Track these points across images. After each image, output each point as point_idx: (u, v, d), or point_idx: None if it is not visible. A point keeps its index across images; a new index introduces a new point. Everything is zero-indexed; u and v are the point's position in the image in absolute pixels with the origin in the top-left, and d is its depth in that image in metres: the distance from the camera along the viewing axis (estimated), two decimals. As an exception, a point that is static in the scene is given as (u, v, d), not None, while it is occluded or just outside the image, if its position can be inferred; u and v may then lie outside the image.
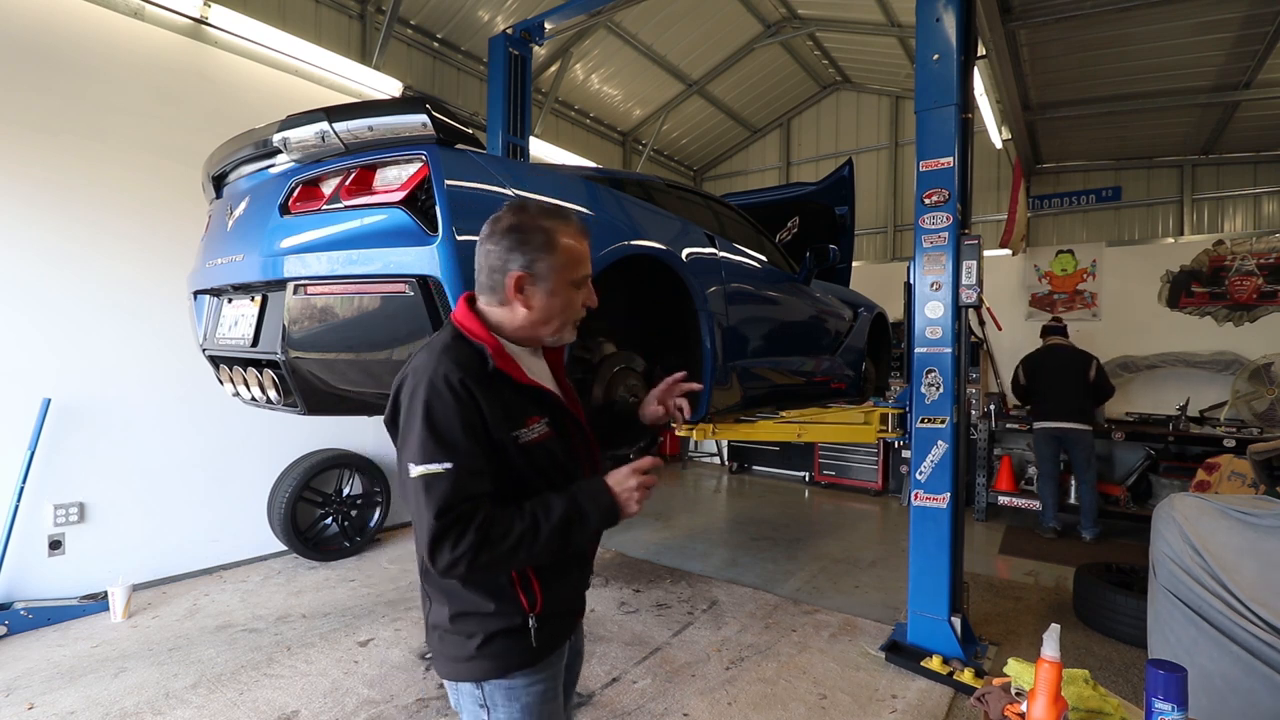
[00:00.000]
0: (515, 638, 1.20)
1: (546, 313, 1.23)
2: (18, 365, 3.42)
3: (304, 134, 1.87)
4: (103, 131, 3.71)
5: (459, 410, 1.09)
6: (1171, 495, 2.49)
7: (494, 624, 1.19)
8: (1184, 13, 4.11)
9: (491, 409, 1.13)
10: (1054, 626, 1.38)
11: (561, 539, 1.12)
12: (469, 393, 1.11)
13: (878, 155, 8.32)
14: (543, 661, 1.24)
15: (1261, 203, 6.40)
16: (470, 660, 1.20)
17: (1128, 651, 3.25)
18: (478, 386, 1.12)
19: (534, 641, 1.21)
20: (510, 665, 1.21)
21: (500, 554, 1.07)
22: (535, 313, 1.23)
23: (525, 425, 1.18)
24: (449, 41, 5.96)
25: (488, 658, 1.19)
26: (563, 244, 1.21)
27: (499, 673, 1.21)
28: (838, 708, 2.70)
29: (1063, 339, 5.59)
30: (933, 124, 3.12)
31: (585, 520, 1.15)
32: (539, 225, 1.21)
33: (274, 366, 2.01)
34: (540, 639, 1.22)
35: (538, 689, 1.24)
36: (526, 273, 1.20)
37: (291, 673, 2.91)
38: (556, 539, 1.11)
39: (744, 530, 5.56)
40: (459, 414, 1.09)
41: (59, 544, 3.56)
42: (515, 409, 1.18)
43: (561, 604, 1.27)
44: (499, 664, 1.20)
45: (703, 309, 2.60)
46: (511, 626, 1.19)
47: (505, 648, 1.20)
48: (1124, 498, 5.67)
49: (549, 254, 1.20)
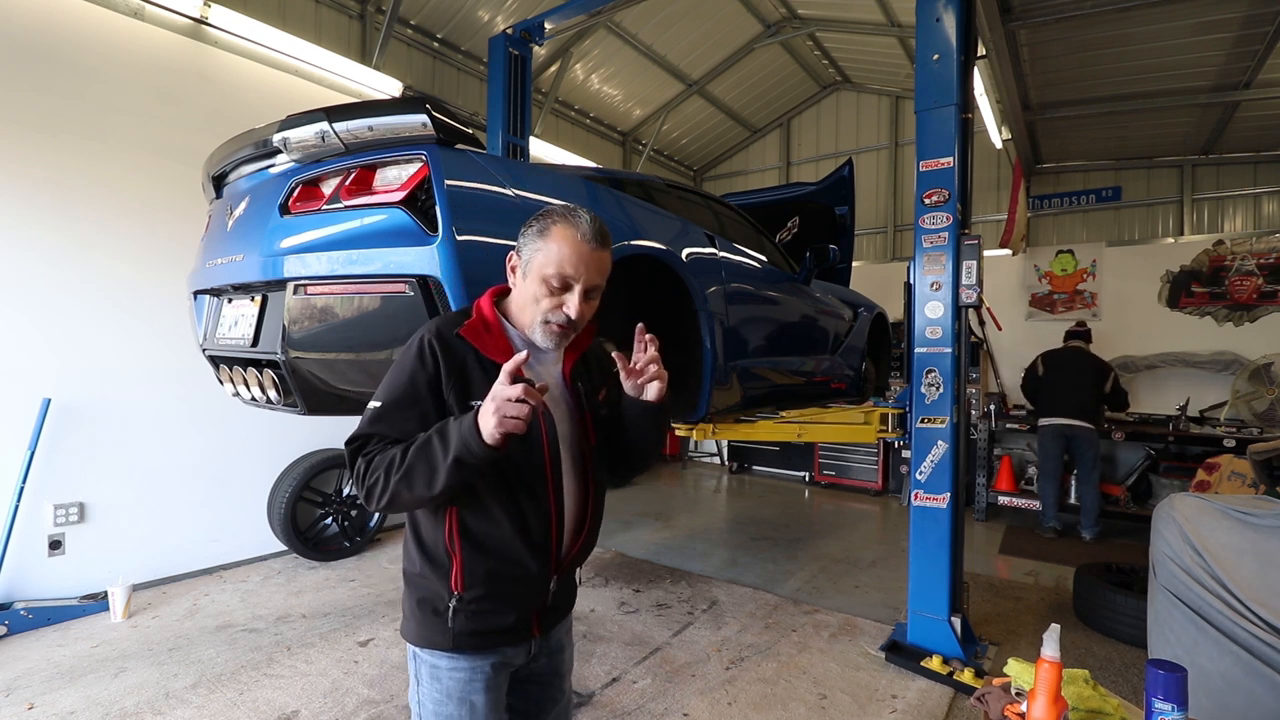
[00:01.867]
0: (438, 614, 1.22)
1: (520, 300, 1.25)
2: (18, 365, 3.42)
3: (304, 134, 1.87)
4: (103, 131, 3.71)
5: (413, 363, 1.18)
6: (1171, 495, 2.49)
7: (422, 589, 1.24)
8: (1184, 13, 4.11)
9: (449, 372, 1.18)
10: (1054, 626, 1.38)
11: (422, 458, 1.08)
12: (431, 351, 1.18)
13: (878, 155, 8.32)
14: (463, 653, 1.23)
15: (1261, 203, 6.40)
16: (407, 620, 1.28)
17: (1128, 651, 3.25)
18: (443, 348, 1.18)
19: (450, 623, 1.21)
20: (425, 638, 1.24)
21: (375, 480, 1.10)
22: (516, 293, 1.26)
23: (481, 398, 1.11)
24: (449, 41, 5.96)
25: (415, 620, 1.25)
26: (552, 237, 1.19)
27: (418, 639, 1.25)
28: (838, 708, 2.70)
29: (1085, 344, 5.58)
30: (933, 124, 3.12)
31: (445, 437, 1.08)
32: (546, 215, 1.23)
33: (274, 366, 2.01)
34: (459, 626, 1.21)
35: (460, 675, 1.23)
36: (516, 254, 1.25)
37: (291, 673, 2.91)
38: (418, 457, 1.08)
39: (744, 530, 5.56)
40: (410, 366, 1.18)
41: (59, 544, 3.56)
42: (478, 382, 1.19)
43: (489, 599, 1.22)
44: (423, 632, 1.24)
45: (703, 309, 2.60)
46: (436, 600, 1.22)
47: (426, 618, 1.23)
48: (1124, 498, 5.67)
49: (535, 241, 1.21)
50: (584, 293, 1.21)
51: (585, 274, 1.19)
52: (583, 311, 1.22)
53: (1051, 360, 5.56)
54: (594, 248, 1.20)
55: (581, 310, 1.21)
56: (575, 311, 1.20)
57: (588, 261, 1.19)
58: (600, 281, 1.24)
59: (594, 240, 1.20)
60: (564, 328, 1.22)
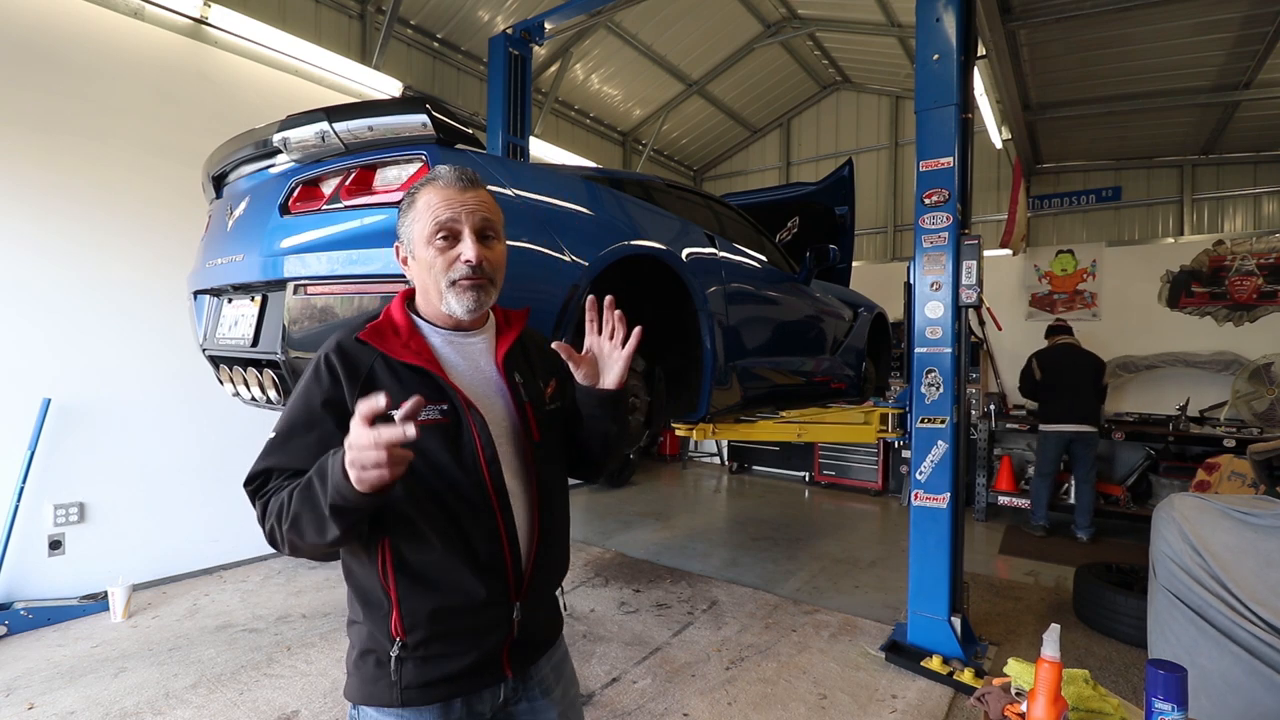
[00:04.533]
0: (381, 665, 1.05)
1: (421, 281, 1.13)
2: (18, 365, 3.42)
3: (304, 134, 1.87)
4: (103, 131, 3.71)
5: (310, 382, 1.06)
6: (1171, 495, 2.50)
7: (364, 640, 1.08)
8: (1184, 13, 4.11)
9: (353, 382, 1.04)
10: (1054, 626, 1.38)
11: (306, 504, 0.93)
12: (330, 366, 1.05)
13: (878, 155, 8.32)
14: (412, 707, 1.05)
15: (1261, 203, 6.40)
16: (348, 676, 1.11)
17: (1128, 651, 3.25)
18: (343, 360, 1.05)
19: (395, 675, 1.04)
20: (367, 694, 1.07)
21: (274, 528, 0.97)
22: (416, 282, 1.14)
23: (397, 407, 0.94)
24: (449, 41, 5.96)
25: (357, 677, 1.09)
26: (418, 200, 1.11)
27: (359, 696, 1.08)
28: (838, 708, 2.70)
29: (1071, 338, 5.55)
30: (933, 124, 3.12)
31: (324, 480, 0.91)
32: (410, 190, 1.14)
33: (274, 366, 2.01)
34: (408, 677, 1.04)
35: None
36: (399, 241, 1.15)
37: (291, 673, 2.91)
38: (302, 503, 0.94)
39: (744, 530, 5.56)
40: (307, 386, 1.06)
41: (59, 544, 3.56)
42: (388, 387, 1.03)
43: (439, 639, 1.05)
44: (364, 689, 1.07)
45: (703, 309, 2.60)
46: (379, 650, 1.06)
47: (372, 674, 1.06)
48: (1124, 498, 5.67)
49: (406, 215, 1.12)
50: (475, 234, 1.09)
51: (466, 215, 1.09)
52: (482, 254, 1.09)
53: (1047, 361, 5.46)
54: (462, 188, 1.11)
55: (481, 253, 1.09)
56: (474, 254, 1.08)
57: (462, 202, 1.10)
58: (491, 218, 1.13)
59: (458, 182, 1.11)
60: (472, 278, 1.09)
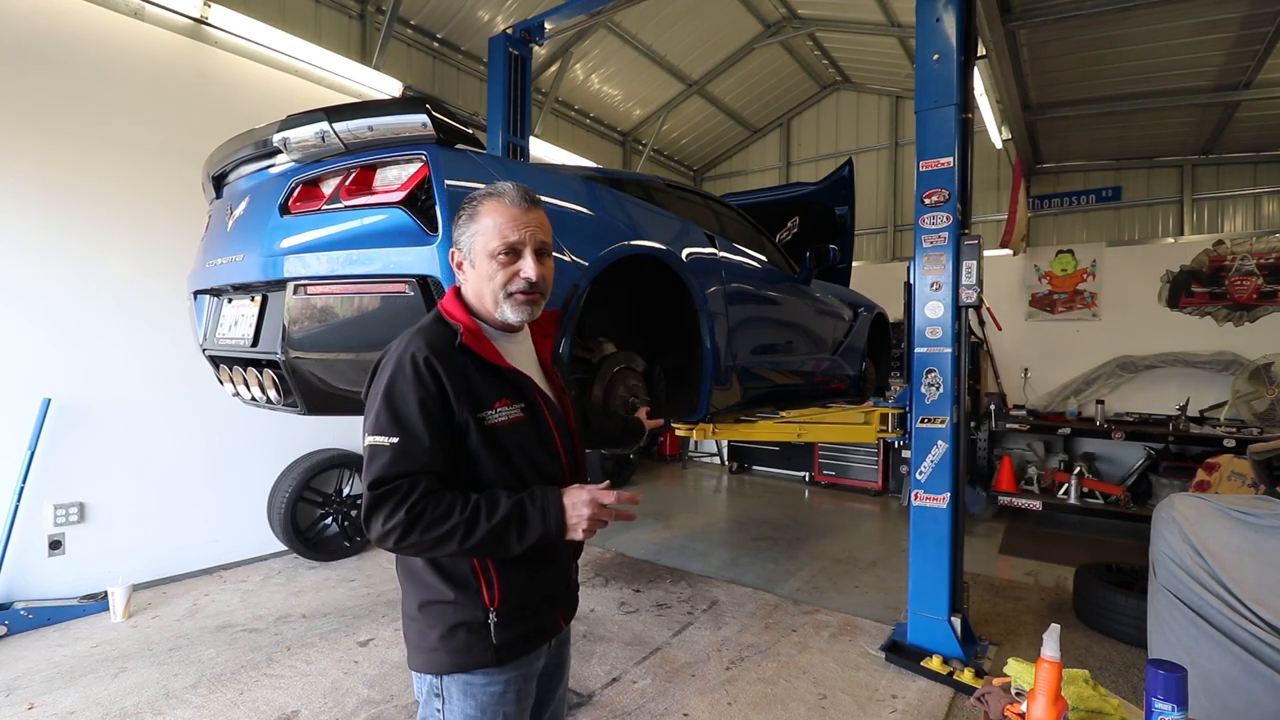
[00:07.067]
0: (476, 633, 1.17)
1: (476, 287, 1.23)
2: (18, 365, 3.41)
3: (304, 134, 1.87)
4: (103, 131, 3.71)
5: (417, 387, 1.11)
6: (1171, 495, 2.50)
7: (454, 615, 1.17)
8: (1184, 13, 4.11)
9: (456, 388, 1.14)
10: (1054, 626, 1.38)
11: (497, 540, 1.10)
12: (432, 371, 1.12)
13: (878, 155, 8.32)
14: (508, 664, 1.20)
15: (1261, 203, 6.40)
16: (432, 651, 1.19)
17: (1128, 651, 3.25)
18: (444, 365, 1.13)
19: (494, 638, 1.17)
20: (468, 662, 1.18)
21: (431, 538, 1.07)
22: (470, 287, 1.25)
23: (493, 407, 1.17)
24: (449, 41, 5.95)
25: (447, 651, 1.18)
26: (483, 214, 1.21)
27: (457, 668, 1.18)
28: (838, 708, 2.70)
29: None
30: (933, 124, 3.12)
31: (526, 528, 1.12)
32: (470, 200, 1.24)
33: (274, 366, 2.01)
34: (502, 637, 1.18)
35: (495, 689, 1.20)
36: (456, 248, 1.25)
37: (291, 673, 2.91)
38: (492, 539, 1.09)
39: (744, 530, 5.56)
40: (415, 391, 1.11)
41: (59, 544, 3.56)
42: (483, 390, 1.17)
43: (526, 604, 1.22)
44: (457, 659, 1.18)
45: (703, 309, 2.60)
46: (472, 621, 1.17)
47: (466, 643, 1.17)
48: (1124, 498, 5.67)
49: (469, 226, 1.22)
50: (535, 253, 1.22)
51: (528, 234, 1.22)
52: (541, 272, 1.23)
53: None
54: (525, 208, 1.22)
55: (539, 270, 1.22)
56: (534, 272, 1.21)
57: (525, 222, 1.21)
58: (546, 239, 1.25)
59: (523, 202, 1.22)
60: (529, 293, 1.22)
